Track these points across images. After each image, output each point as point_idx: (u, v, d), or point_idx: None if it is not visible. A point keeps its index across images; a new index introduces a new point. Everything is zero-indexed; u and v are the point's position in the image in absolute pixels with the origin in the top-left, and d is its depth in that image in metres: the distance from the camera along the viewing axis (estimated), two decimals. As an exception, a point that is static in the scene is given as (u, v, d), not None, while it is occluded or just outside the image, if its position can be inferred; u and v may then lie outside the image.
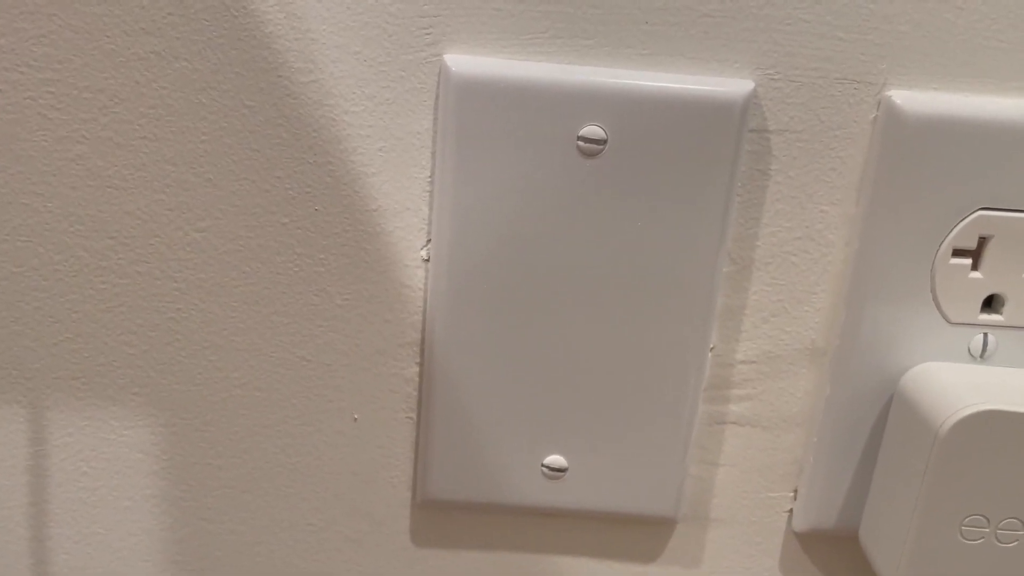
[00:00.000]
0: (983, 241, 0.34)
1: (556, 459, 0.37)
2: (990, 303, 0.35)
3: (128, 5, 0.32)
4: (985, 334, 0.35)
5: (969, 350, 0.35)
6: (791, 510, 0.38)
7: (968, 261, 0.34)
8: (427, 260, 0.35)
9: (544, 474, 0.37)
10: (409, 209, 0.34)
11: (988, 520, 0.32)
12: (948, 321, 0.34)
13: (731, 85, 0.32)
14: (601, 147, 0.33)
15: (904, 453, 0.34)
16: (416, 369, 0.36)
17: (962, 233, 0.33)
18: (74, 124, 0.33)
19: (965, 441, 0.31)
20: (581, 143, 0.33)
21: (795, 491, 0.38)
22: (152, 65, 0.33)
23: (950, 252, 0.34)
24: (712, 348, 0.36)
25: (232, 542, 0.39)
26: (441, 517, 0.39)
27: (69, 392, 0.37)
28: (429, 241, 0.35)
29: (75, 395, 0.37)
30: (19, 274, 0.35)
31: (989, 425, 0.31)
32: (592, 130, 0.32)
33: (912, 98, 0.33)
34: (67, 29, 0.32)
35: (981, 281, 0.34)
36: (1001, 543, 0.33)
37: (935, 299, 0.34)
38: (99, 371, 0.36)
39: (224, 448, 0.38)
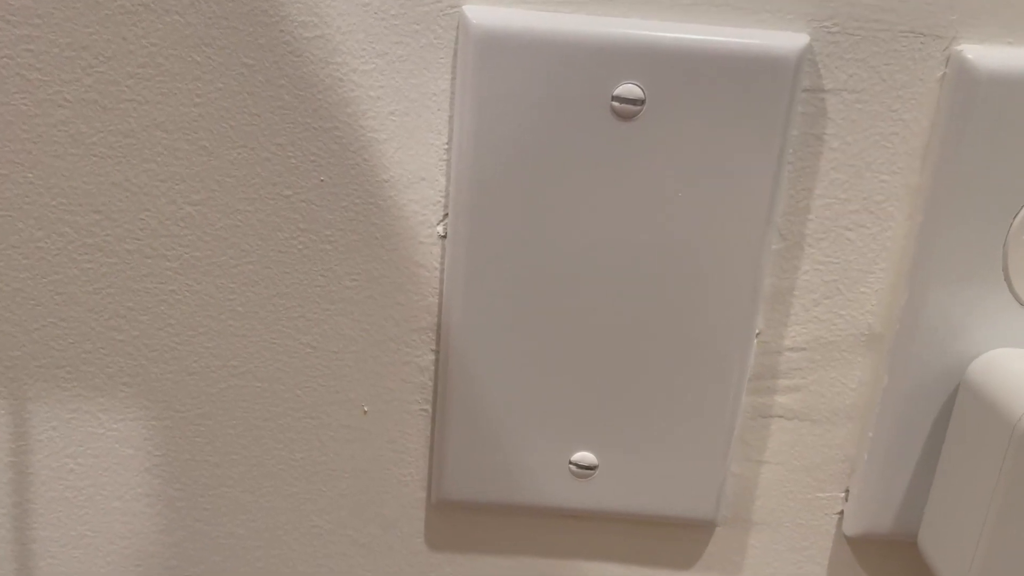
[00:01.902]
0: None
1: (585, 456, 0.34)
2: (1068, 283, 0.32)
3: (113, -49, 0.29)
4: None
5: None
6: (842, 512, 0.36)
7: None
8: (444, 236, 0.32)
9: (572, 472, 0.34)
10: (424, 180, 0.32)
11: (1072, 524, 0.29)
12: (1022, 303, 0.32)
13: (783, 39, 0.30)
14: (638, 108, 0.30)
15: (973, 449, 0.31)
16: (431, 357, 0.34)
17: None
18: (55, 85, 0.30)
19: None
20: (616, 104, 0.30)
21: (847, 491, 0.35)
22: (141, 19, 0.30)
23: None
24: (758, 334, 0.33)
25: (231, 546, 0.36)
26: (458, 519, 0.36)
27: (53, 382, 0.34)
28: (446, 215, 0.32)
29: (60, 385, 0.34)
30: (-3, 252, 0.32)
31: (1076, 418, 0.28)
32: (628, 89, 0.30)
33: (985, 53, 0.30)
34: (46, -21, 0.29)
35: None
36: (1086, 550, 0.29)
37: (1008, 279, 0.32)
38: (85, 359, 0.34)
39: (222, 443, 0.35)
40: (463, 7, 0.30)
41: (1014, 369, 0.31)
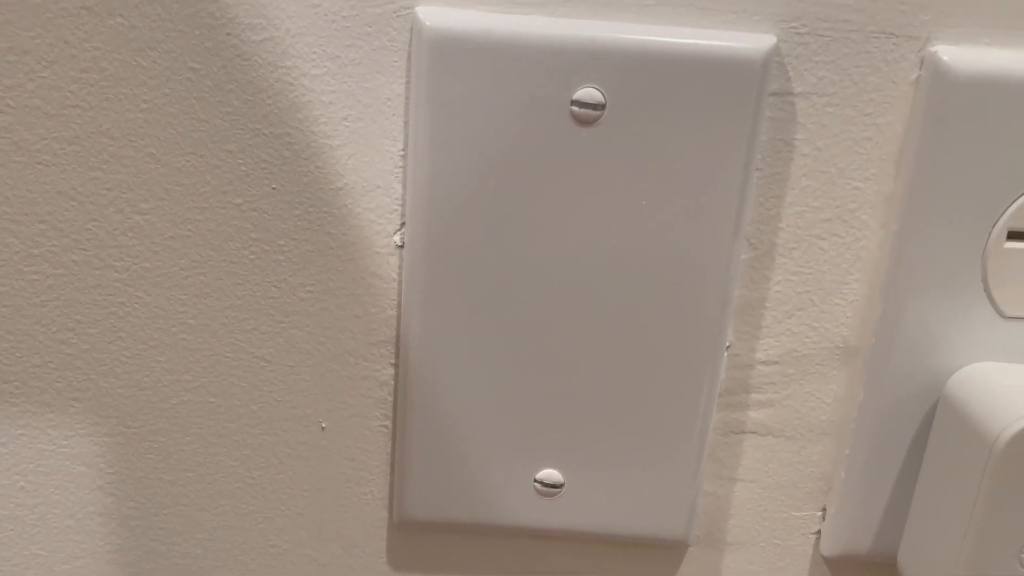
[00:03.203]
0: None
1: (550, 474, 0.33)
2: (1051, 294, 0.30)
3: (53, -48, 0.28)
4: None
5: None
6: (819, 532, 0.35)
7: None
8: (401, 246, 0.31)
9: (537, 491, 0.33)
10: (380, 187, 0.31)
11: (1054, 547, 0.28)
12: (1002, 315, 0.31)
13: (749, 40, 0.28)
14: (599, 113, 0.29)
15: (953, 468, 0.30)
16: (391, 371, 0.33)
17: (1019, 212, 0.30)
18: (-4, 91, 0.29)
19: None
20: (576, 108, 0.29)
21: (823, 510, 0.34)
22: (83, 22, 0.29)
23: (1005, 235, 0.30)
24: (728, 347, 0.32)
25: (187, 566, 0.35)
26: (421, 539, 0.35)
27: (0, 398, 0.33)
28: (403, 224, 0.31)
29: (7, 401, 0.33)
30: (-61, 263, 0.31)
31: (1056, 436, 0.27)
32: (588, 93, 0.28)
33: (961, 54, 0.29)
34: (-15, -19, 0.28)
35: None
36: (1069, 574, 0.28)
37: (987, 289, 0.31)
38: (33, 373, 0.33)
39: (176, 461, 0.34)
40: (416, 8, 0.29)
41: (994, 384, 0.30)
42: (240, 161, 0.30)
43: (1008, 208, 0.30)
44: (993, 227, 0.30)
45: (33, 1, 0.29)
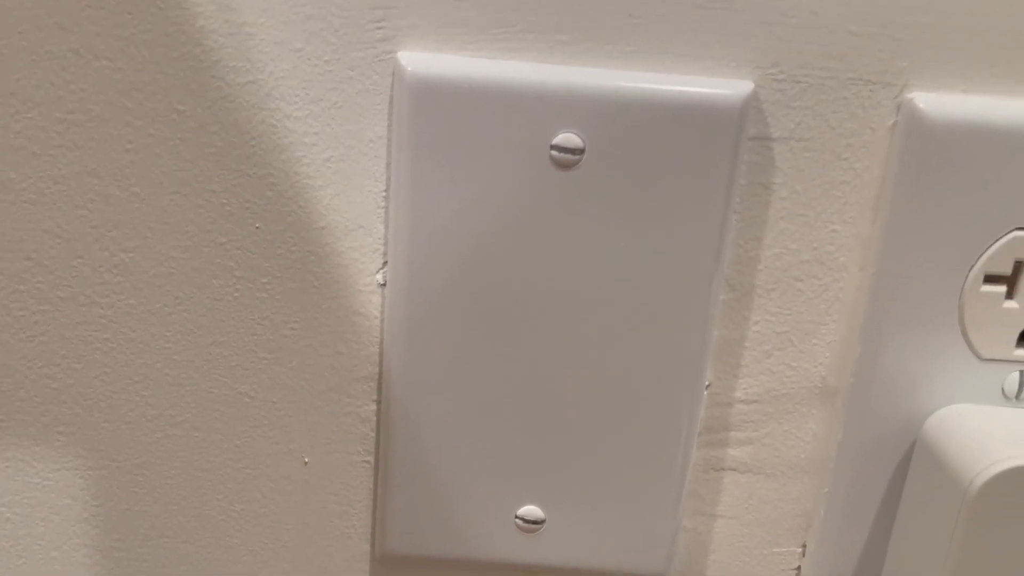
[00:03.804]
0: (1020, 266, 0.30)
1: (531, 510, 0.33)
2: (1028, 336, 0.31)
3: (40, -4, 0.28)
4: (1021, 372, 0.31)
5: (1003, 390, 0.31)
6: (799, 568, 0.35)
7: (1002, 288, 0.30)
8: (383, 285, 0.32)
9: (518, 527, 0.34)
10: (362, 227, 0.31)
11: (1028, 591, 0.28)
12: (979, 357, 0.31)
13: (728, 86, 0.29)
14: (578, 157, 0.29)
15: (928, 509, 0.30)
16: (373, 407, 0.33)
17: (995, 256, 0.30)
18: (-17, 131, 0.30)
19: (1000, 499, 0.28)
20: (555, 153, 0.29)
21: (803, 547, 0.35)
22: (69, 64, 0.29)
23: (981, 278, 0.30)
24: (708, 386, 0.33)
25: None
26: (402, 573, 0.35)
27: (-14, 431, 0.33)
28: (385, 263, 0.31)
29: None
30: (-74, 299, 0.32)
31: (1029, 482, 0.27)
32: (568, 138, 0.29)
33: (937, 101, 0.29)
34: (-28, 24, 0.29)
35: (1017, 311, 0.31)
36: (1043, 617, 0.28)
37: (964, 332, 0.31)
38: (19, 407, 0.33)
39: (161, 494, 0.34)
40: (398, 53, 0.29)
41: (969, 428, 0.30)
42: (224, 201, 0.31)
43: (985, 252, 0.30)
44: (970, 270, 0.30)
45: (20, 44, 0.29)
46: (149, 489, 0.34)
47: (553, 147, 0.29)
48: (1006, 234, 0.30)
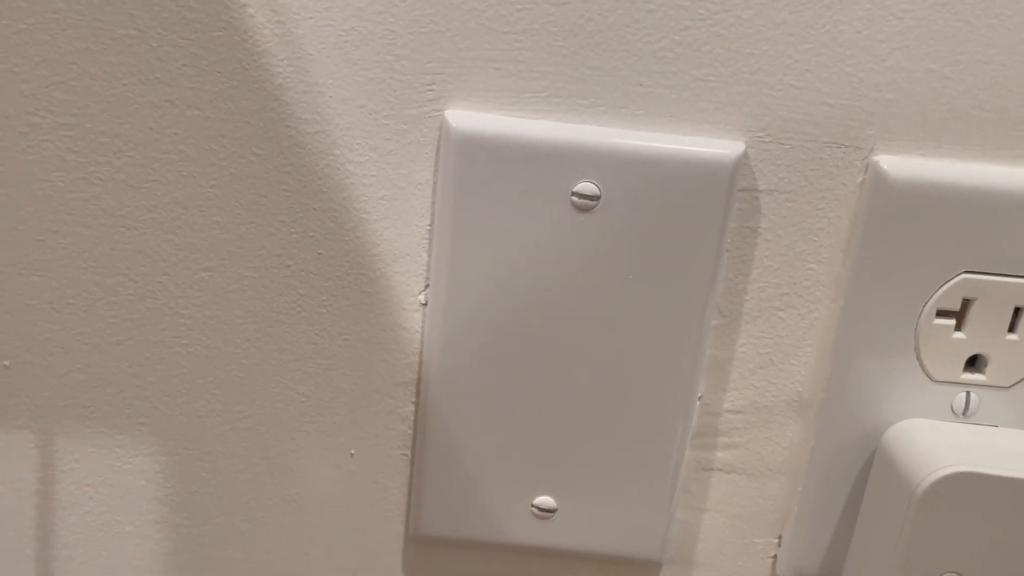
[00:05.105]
0: (967, 303, 0.34)
1: (546, 500, 0.37)
2: (973, 362, 0.35)
3: (145, 56, 0.33)
4: (968, 392, 0.35)
5: (952, 408, 0.35)
6: (775, 556, 0.39)
7: (952, 322, 0.34)
8: (424, 304, 0.36)
9: (534, 514, 0.37)
10: (408, 255, 0.35)
11: (963, 578, 0.33)
12: (931, 379, 0.35)
13: (722, 146, 0.33)
14: (595, 203, 0.33)
15: (883, 508, 0.34)
16: (411, 408, 0.37)
17: (946, 295, 0.34)
18: (90, 167, 0.34)
19: (941, 501, 0.32)
20: (575, 198, 0.33)
21: (779, 537, 0.39)
22: (166, 113, 0.34)
23: (934, 313, 0.34)
24: (700, 397, 0.37)
25: (230, 569, 0.40)
26: (433, 552, 0.39)
27: (78, 420, 0.38)
28: (427, 286, 0.36)
29: (83, 423, 0.38)
30: (33, 307, 0.36)
31: (965, 486, 0.32)
32: (586, 186, 0.33)
33: (898, 163, 0.33)
34: (86, 76, 0.33)
35: (964, 341, 0.35)
36: (976, 600, 0.33)
37: (919, 357, 0.35)
38: (107, 401, 0.37)
39: (225, 478, 0.39)
40: (445, 112, 0.34)
41: (920, 440, 0.34)
42: (292, 230, 0.35)
43: (937, 290, 0.34)
44: (924, 305, 0.34)
45: (125, 94, 0.34)
46: (215, 474, 0.39)
47: (574, 193, 0.33)
48: (956, 276, 0.34)
